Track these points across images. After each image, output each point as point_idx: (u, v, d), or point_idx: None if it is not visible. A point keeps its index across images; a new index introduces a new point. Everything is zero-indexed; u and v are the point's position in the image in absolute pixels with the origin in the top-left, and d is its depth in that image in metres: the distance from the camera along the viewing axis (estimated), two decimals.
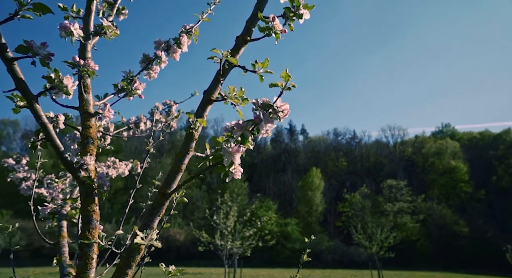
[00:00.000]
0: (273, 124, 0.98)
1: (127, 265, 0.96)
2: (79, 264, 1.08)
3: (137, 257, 0.98)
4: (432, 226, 34.63)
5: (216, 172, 1.04)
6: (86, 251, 1.09)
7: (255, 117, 0.99)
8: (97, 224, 1.13)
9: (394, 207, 36.10)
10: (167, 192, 1.04)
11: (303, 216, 36.70)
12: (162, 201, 1.03)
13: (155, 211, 1.02)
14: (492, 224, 36.78)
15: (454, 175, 41.84)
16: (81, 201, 1.13)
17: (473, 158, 45.36)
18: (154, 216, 1.01)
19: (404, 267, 28.16)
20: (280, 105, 0.99)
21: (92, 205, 1.13)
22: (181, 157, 1.08)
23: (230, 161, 0.96)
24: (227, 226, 11.91)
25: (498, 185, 42.21)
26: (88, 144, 1.22)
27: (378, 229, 21.36)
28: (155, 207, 1.02)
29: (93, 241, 0.99)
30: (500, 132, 50.54)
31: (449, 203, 38.91)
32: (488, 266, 30.44)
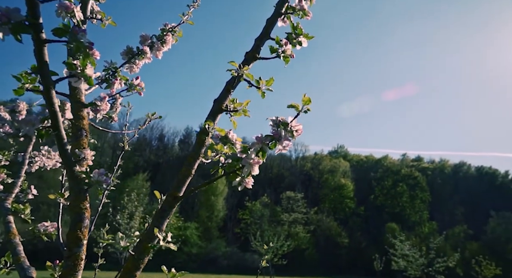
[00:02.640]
0: (290, 142, 1.08)
1: (136, 267, 0.94)
2: (66, 264, 1.01)
3: (146, 258, 0.96)
4: (320, 236, 38.18)
5: (230, 179, 1.10)
6: (76, 251, 1.03)
7: (274, 133, 1.08)
8: (88, 223, 1.07)
9: (290, 217, 38.71)
10: (177, 195, 1.05)
11: (203, 221, 36.60)
12: (172, 204, 1.03)
13: (165, 214, 1.02)
14: (366, 236, 42.38)
15: (342, 192, 46.96)
16: (72, 197, 1.06)
17: (358, 178, 51.70)
18: (164, 218, 1.01)
19: (293, 273, 30.30)
20: (295, 125, 1.10)
21: (85, 202, 1.07)
22: (191, 161, 1.10)
23: (249, 171, 1.04)
24: (131, 227, 11.20)
25: (374, 203, 48.89)
26: (82, 136, 1.14)
27: (274, 237, 22.65)
28: (165, 209, 1.02)
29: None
30: (380, 157, 58.88)
31: (336, 216, 43.46)
32: (360, 272, 34.93)
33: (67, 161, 1.02)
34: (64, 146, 1.00)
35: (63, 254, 1.05)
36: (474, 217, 47.04)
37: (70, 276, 0.99)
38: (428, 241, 25.65)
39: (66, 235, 1.05)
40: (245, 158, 1.02)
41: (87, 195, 1.08)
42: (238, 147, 1.28)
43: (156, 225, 1.00)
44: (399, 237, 24.03)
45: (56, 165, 2.11)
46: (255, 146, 1.06)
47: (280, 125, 1.07)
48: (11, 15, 0.77)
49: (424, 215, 46.18)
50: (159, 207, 1.36)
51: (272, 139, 1.07)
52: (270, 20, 1.39)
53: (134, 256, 0.94)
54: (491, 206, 46.46)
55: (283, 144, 1.07)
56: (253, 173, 1.04)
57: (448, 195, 51.72)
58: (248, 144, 1.12)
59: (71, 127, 1.15)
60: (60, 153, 1.00)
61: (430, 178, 53.03)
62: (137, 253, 0.95)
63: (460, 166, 59.13)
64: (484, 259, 27.17)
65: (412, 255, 21.29)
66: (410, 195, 47.49)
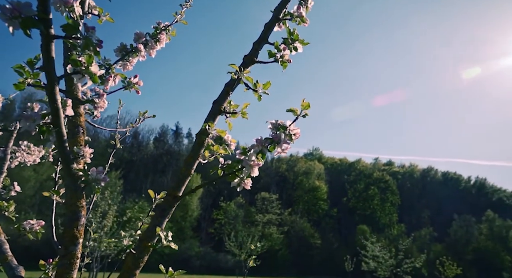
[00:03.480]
0: (288, 145, 1.12)
1: (136, 266, 0.94)
2: (62, 263, 1.00)
3: (145, 257, 0.97)
4: (293, 237, 38.60)
5: (228, 180, 1.12)
6: (72, 249, 1.01)
7: (273, 136, 1.11)
8: (84, 221, 1.06)
9: (264, 218, 38.90)
10: (177, 194, 1.05)
11: (177, 220, 36.10)
12: (172, 203, 1.04)
13: (165, 213, 1.02)
14: (338, 237, 43.31)
15: (316, 194, 47.73)
16: (68, 195, 1.05)
17: (332, 180, 52.74)
18: (164, 217, 1.02)
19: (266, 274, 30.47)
20: (293, 129, 1.14)
21: (81, 200, 1.06)
22: (191, 161, 1.11)
23: (249, 173, 1.06)
24: (103, 225, 10.85)
25: (347, 205, 50.04)
26: (79, 133, 1.13)
27: (248, 238, 22.69)
28: (165, 208, 1.03)
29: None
30: (354, 161, 60.34)
31: (309, 218, 44.11)
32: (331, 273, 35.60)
33: (65, 158, 1.01)
34: (64, 143, 0.98)
35: (57, 253, 1.03)
36: (439, 220, 49.18)
37: (66, 275, 0.98)
38: (396, 243, 26.56)
39: (61, 233, 1.04)
40: (245, 160, 1.05)
41: (84, 193, 1.07)
42: (233, 148, 1.30)
43: (156, 224, 1.00)
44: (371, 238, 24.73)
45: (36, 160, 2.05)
46: (255, 148, 1.09)
47: (279, 128, 1.10)
48: (22, 9, 0.75)
49: (393, 218, 47.75)
50: (153, 206, 1.36)
51: (271, 141, 1.10)
52: (268, 25, 1.42)
53: (135, 255, 0.94)
54: (454, 210, 48.74)
55: (282, 146, 1.11)
56: (252, 175, 1.07)
57: (416, 199, 53.79)
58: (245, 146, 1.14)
59: (67, 124, 1.13)
60: (58, 150, 0.99)
61: (400, 181, 54.93)
62: (138, 252, 0.95)
63: (428, 171, 61.61)
64: (447, 260, 28.49)
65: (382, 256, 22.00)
66: (381, 198, 48.96)
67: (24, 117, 0.93)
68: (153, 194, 1.32)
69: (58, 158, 1.24)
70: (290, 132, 1.13)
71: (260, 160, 1.10)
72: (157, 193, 1.31)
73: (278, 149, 1.10)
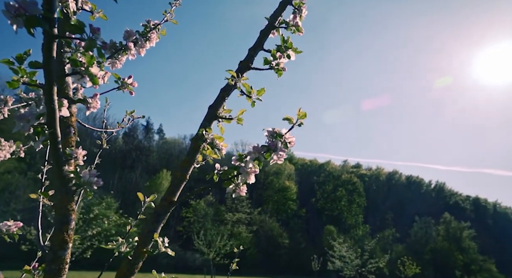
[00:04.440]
0: (284, 153, 1.14)
1: (131, 272, 0.93)
2: (50, 268, 0.97)
3: (140, 263, 0.95)
4: (262, 237, 38.86)
5: (224, 186, 1.13)
6: (61, 254, 0.98)
7: (270, 144, 1.12)
8: (74, 225, 1.03)
9: (234, 217, 38.87)
10: (173, 200, 1.04)
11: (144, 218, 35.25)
12: (167, 209, 1.03)
13: (160, 218, 1.01)
14: (306, 237, 44.11)
15: (286, 194, 48.30)
16: (58, 198, 1.01)
17: (302, 181, 53.59)
18: (159, 223, 1.01)
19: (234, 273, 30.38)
20: (288, 137, 1.16)
21: (72, 204, 1.03)
22: (186, 166, 1.11)
23: (245, 179, 1.07)
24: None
25: (315, 205, 51.05)
26: (70, 133, 1.10)
27: (218, 237, 22.60)
28: (160, 214, 1.01)
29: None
30: (323, 162, 61.64)
31: (278, 218, 44.57)
32: (298, 272, 36.21)
33: (57, 160, 0.97)
34: (58, 144, 0.95)
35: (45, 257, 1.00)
36: (402, 221, 51.35)
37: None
38: (361, 243, 27.45)
39: (50, 237, 1.00)
40: (243, 167, 1.06)
41: (74, 196, 1.04)
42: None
43: (151, 229, 0.99)
44: (338, 239, 25.42)
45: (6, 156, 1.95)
46: (251, 155, 1.10)
47: (276, 136, 1.12)
48: (28, 7, 0.73)
49: (359, 219, 49.26)
50: (142, 209, 1.34)
51: (268, 149, 1.12)
52: (263, 32, 1.43)
53: (130, 261, 0.93)
54: (416, 212, 51.11)
55: (278, 154, 1.13)
56: (248, 182, 1.08)
57: (381, 201, 55.85)
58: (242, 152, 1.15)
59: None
60: (51, 151, 0.95)
61: (367, 184, 56.75)
62: (133, 258, 0.94)
63: (393, 174, 64.08)
64: (407, 260, 29.86)
65: (349, 257, 22.67)
66: (348, 199, 50.36)
67: (18, 117, 0.89)
68: (143, 197, 1.30)
69: (45, 158, 1.19)
70: (285, 141, 1.16)
71: (256, 167, 1.12)
72: (123, 187, 1.29)
73: (274, 156, 1.12)
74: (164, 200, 1.03)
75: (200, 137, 1.13)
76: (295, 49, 1.47)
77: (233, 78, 1.23)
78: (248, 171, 1.06)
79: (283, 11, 1.49)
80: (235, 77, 1.23)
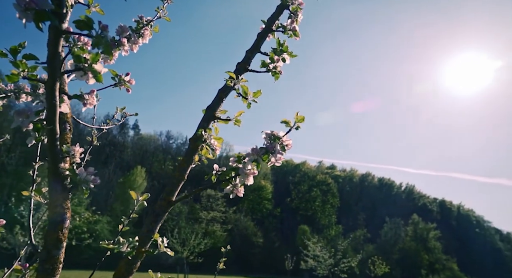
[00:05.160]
0: (282, 156, 1.16)
1: (129, 271, 0.92)
2: (43, 268, 0.94)
3: (138, 263, 0.94)
4: (236, 236, 38.85)
5: (222, 187, 1.14)
6: (55, 254, 0.96)
7: (268, 147, 1.14)
8: (69, 224, 1.01)
9: (208, 216, 38.64)
10: (171, 199, 1.04)
11: (116, 215, 34.40)
12: (166, 208, 1.02)
13: (159, 218, 1.01)
14: (280, 236, 44.51)
15: (261, 193, 48.51)
16: (53, 196, 0.99)
17: (277, 180, 54.01)
18: (157, 222, 1.00)
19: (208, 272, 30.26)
20: (285, 140, 1.19)
21: (67, 202, 1.01)
22: (185, 166, 1.11)
23: (243, 181, 1.09)
24: (37, 219, 9.89)
25: (290, 205, 51.59)
26: (66, 130, 1.07)
27: (192, 235, 22.40)
28: (159, 214, 1.01)
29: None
30: (299, 163, 62.37)
31: (253, 217, 44.72)
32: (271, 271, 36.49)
33: (54, 157, 0.95)
34: (56, 141, 0.93)
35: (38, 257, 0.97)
36: (373, 222, 52.84)
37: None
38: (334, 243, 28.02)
39: (44, 236, 0.98)
40: (242, 169, 1.07)
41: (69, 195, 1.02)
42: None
43: (150, 229, 0.98)
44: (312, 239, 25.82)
45: None
46: (250, 156, 1.12)
47: (275, 139, 1.14)
48: (38, 1, 0.71)
49: (332, 219, 50.25)
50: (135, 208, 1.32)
51: (266, 151, 1.13)
52: (261, 35, 1.45)
53: (129, 260, 0.92)
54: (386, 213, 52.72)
55: (276, 156, 1.15)
56: (247, 183, 1.09)
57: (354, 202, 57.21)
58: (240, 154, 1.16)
59: None
60: (49, 148, 0.93)
61: (341, 185, 57.97)
62: (132, 258, 0.93)
63: (366, 176, 65.78)
64: (378, 259, 30.78)
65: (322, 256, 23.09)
66: (322, 200, 51.24)
67: (17, 113, 0.86)
68: (135, 196, 1.28)
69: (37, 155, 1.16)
70: (283, 143, 1.18)
71: (254, 169, 1.13)
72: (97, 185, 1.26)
73: (272, 159, 1.14)
74: (163, 200, 1.03)
75: (199, 138, 1.13)
76: (290, 53, 1.49)
77: (231, 80, 1.24)
78: (247, 173, 1.08)
79: (280, 14, 1.51)
80: (234, 79, 1.24)
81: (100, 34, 0.84)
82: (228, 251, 2.13)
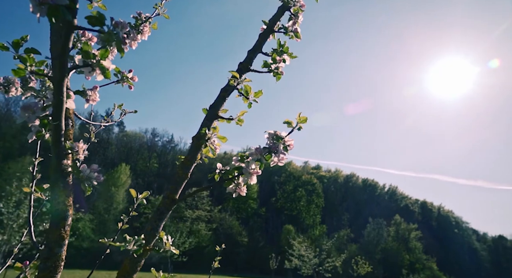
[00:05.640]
0: (284, 155, 1.17)
1: (133, 270, 0.91)
2: (45, 266, 0.93)
3: (143, 261, 0.94)
4: (221, 235, 38.74)
5: (224, 186, 1.14)
6: (57, 251, 0.95)
7: (271, 146, 1.15)
8: (71, 221, 1.00)
9: (193, 214, 38.40)
10: (175, 198, 1.04)
11: (99, 213, 33.82)
12: (170, 206, 1.02)
13: (163, 216, 1.00)
14: (265, 236, 44.62)
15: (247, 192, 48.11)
16: (56, 192, 0.98)
17: (263, 180, 54.10)
18: (162, 220, 1.00)
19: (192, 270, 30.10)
20: (288, 140, 1.20)
21: (69, 199, 1.00)
22: (188, 165, 1.11)
23: (247, 180, 1.10)
24: (18, 216, 9.58)
25: (275, 205, 51.79)
26: (68, 126, 1.06)
27: (177, 234, 22.22)
28: (163, 212, 1.01)
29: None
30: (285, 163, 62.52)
31: (238, 216, 44.70)
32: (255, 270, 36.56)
33: (58, 154, 0.94)
34: (60, 137, 0.92)
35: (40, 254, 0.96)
36: (357, 222, 53.59)
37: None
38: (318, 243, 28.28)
39: (46, 233, 0.97)
40: (245, 168, 1.08)
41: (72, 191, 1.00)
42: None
43: (154, 227, 0.98)
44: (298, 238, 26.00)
45: None
46: (253, 156, 1.13)
47: (278, 139, 1.15)
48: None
49: (317, 219, 50.71)
50: (134, 206, 1.31)
51: (269, 151, 1.15)
52: (262, 35, 1.46)
53: (134, 258, 0.91)
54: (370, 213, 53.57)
55: (279, 156, 1.16)
56: (250, 182, 1.10)
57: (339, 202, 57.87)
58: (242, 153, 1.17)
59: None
60: (54, 144, 0.92)
61: (326, 185, 58.55)
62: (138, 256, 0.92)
63: (350, 177, 66.64)
64: (360, 259, 31.28)
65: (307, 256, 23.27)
66: (307, 200, 51.64)
67: (23, 108, 0.84)
68: (135, 193, 1.27)
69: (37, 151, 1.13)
70: (285, 143, 1.19)
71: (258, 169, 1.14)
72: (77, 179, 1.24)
73: (275, 158, 1.15)
74: (167, 198, 1.03)
75: (202, 136, 1.14)
76: (290, 54, 1.51)
77: (235, 79, 1.24)
78: (251, 172, 1.09)
79: (281, 16, 1.53)
80: (237, 78, 1.24)
81: (113, 31, 0.83)
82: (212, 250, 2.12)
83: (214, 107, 1.24)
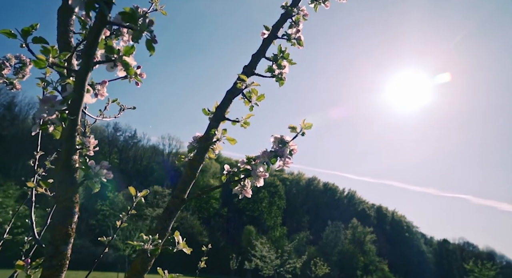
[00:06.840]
0: (289, 160, 1.21)
1: (144, 269, 0.90)
2: (50, 264, 0.90)
3: (153, 260, 0.93)
4: (181, 234, 37.91)
5: (231, 187, 1.16)
6: (63, 249, 0.92)
7: (278, 150, 1.19)
8: (77, 218, 0.97)
9: (154, 212, 37.43)
10: (184, 197, 1.04)
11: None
12: (179, 206, 1.02)
13: (172, 215, 1.00)
14: (225, 236, 44.53)
15: (210, 192, 48.10)
16: (62, 189, 0.95)
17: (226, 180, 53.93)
18: (171, 220, 0.99)
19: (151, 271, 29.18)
20: (291, 144, 1.24)
21: (77, 196, 0.97)
22: (196, 165, 1.11)
23: (254, 182, 1.12)
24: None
25: (237, 205, 51.81)
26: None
27: (136, 232, 21.57)
28: (172, 211, 1.00)
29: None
30: None
31: (200, 215, 44.21)
32: (215, 271, 36.31)
33: (69, 149, 0.91)
34: (75, 132, 0.89)
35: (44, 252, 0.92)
36: (316, 224, 55.00)
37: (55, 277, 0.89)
38: (278, 244, 28.69)
39: (51, 231, 0.94)
40: (253, 170, 1.10)
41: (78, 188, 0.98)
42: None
43: (164, 226, 0.98)
44: (260, 239, 26.18)
45: None
46: (261, 159, 1.15)
47: (284, 143, 1.19)
48: None
49: (278, 220, 51.39)
50: (133, 205, 1.28)
51: (275, 155, 1.18)
52: (266, 41, 1.49)
53: (144, 258, 0.90)
54: (329, 216, 55.22)
55: (285, 160, 1.19)
56: (257, 185, 1.12)
57: (300, 204, 59.09)
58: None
59: None
60: (66, 139, 0.89)
61: (288, 187, 59.54)
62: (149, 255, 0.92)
63: (312, 180, 68.26)
64: (319, 260, 32.17)
65: (269, 257, 23.51)
66: (269, 201, 52.19)
67: (43, 100, 0.81)
68: (134, 191, 1.25)
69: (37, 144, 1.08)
70: (289, 148, 1.23)
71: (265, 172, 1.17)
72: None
73: (280, 162, 1.19)
74: (176, 198, 1.03)
75: (210, 138, 1.14)
76: (290, 60, 1.55)
77: (242, 83, 1.26)
78: (259, 174, 1.11)
79: (284, 22, 1.56)
80: (244, 82, 1.26)
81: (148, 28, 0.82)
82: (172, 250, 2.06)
83: (221, 108, 1.25)
